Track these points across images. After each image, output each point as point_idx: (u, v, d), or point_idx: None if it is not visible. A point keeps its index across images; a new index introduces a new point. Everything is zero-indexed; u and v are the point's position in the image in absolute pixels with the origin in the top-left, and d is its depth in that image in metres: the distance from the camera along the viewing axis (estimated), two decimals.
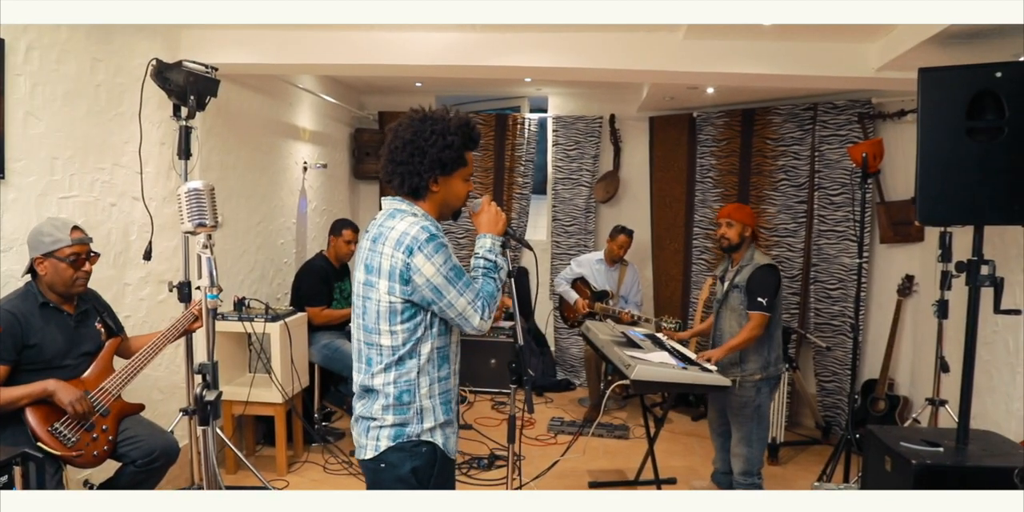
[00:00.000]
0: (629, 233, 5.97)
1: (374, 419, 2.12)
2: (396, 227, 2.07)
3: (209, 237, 2.03)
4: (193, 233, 2.03)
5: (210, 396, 1.95)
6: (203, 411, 1.94)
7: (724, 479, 4.16)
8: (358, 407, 2.19)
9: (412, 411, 2.10)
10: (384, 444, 2.09)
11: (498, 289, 2.17)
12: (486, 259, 2.20)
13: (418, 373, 2.10)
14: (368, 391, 2.14)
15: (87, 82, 3.51)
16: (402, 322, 2.07)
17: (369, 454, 2.12)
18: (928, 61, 3.20)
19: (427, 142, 2.09)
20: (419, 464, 2.09)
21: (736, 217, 3.83)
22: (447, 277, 2.04)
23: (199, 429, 1.99)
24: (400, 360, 2.09)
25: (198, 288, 3.55)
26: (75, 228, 2.92)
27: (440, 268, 2.03)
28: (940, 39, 3.33)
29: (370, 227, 2.18)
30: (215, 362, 1.93)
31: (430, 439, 2.12)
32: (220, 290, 2.39)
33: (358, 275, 2.16)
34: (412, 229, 2.04)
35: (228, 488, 4.13)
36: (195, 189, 2.00)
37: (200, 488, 3.67)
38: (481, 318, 2.10)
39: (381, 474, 2.11)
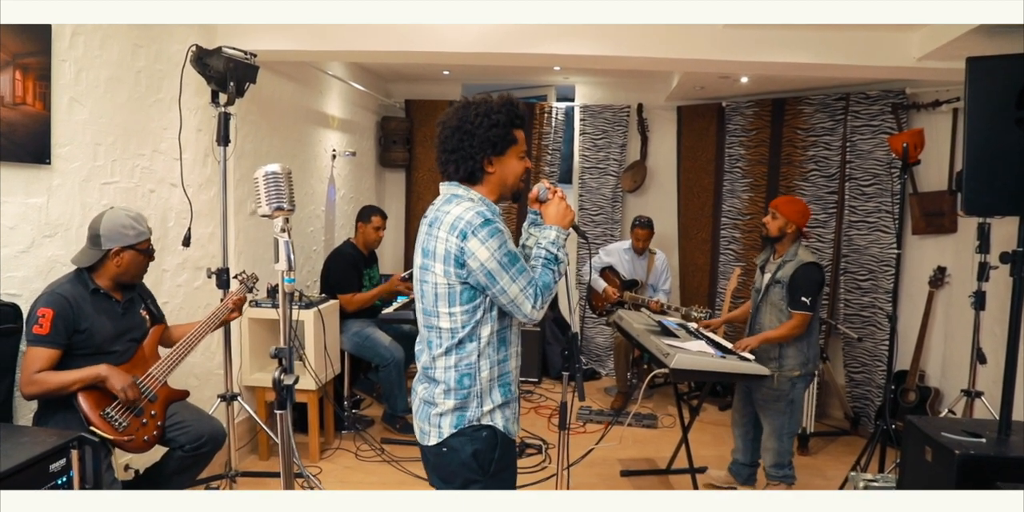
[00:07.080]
0: (644, 225, 5.91)
1: (435, 405, 2.14)
2: (451, 212, 2.08)
3: (287, 220, 2.03)
4: (271, 217, 2.03)
5: (288, 380, 1.95)
6: (280, 395, 1.95)
7: (744, 471, 4.15)
8: (420, 389, 2.22)
9: (472, 395, 2.12)
10: (447, 431, 2.12)
11: (555, 281, 2.16)
12: (547, 251, 2.18)
13: (478, 356, 2.11)
14: (430, 374, 2.17)
15: (128, 68, 3.51)
16: (461, 304, 2.08)
17: (432, 440, 2.15)
18: (972, 50, 3.16)
19: (473, 124, 2.11)
20: (480, 447, 2.12)
21: (783, 210, 3.78)
22: (500, 262, 2.03)
23: (277, 413, 2.00)
24: (460, 343, 2.11)
25: (235, 277, 3.64)
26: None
27: (495, 253, 2.03)
28: (986, 28, 3.29)
29: (428, 212, 2.20)
30: (291, 347, 1.93)
31: (490, 422, 2.14)
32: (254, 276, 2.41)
33: (416, 259, 2.18)
34: (467, 214, 2.05)
35: (263, 475, 4.18)
36: (274, 172, 1.99)
37: (236, 475, 3.74)
38: (533, 306, 2.08)
39: (444, 458, 2.14)
